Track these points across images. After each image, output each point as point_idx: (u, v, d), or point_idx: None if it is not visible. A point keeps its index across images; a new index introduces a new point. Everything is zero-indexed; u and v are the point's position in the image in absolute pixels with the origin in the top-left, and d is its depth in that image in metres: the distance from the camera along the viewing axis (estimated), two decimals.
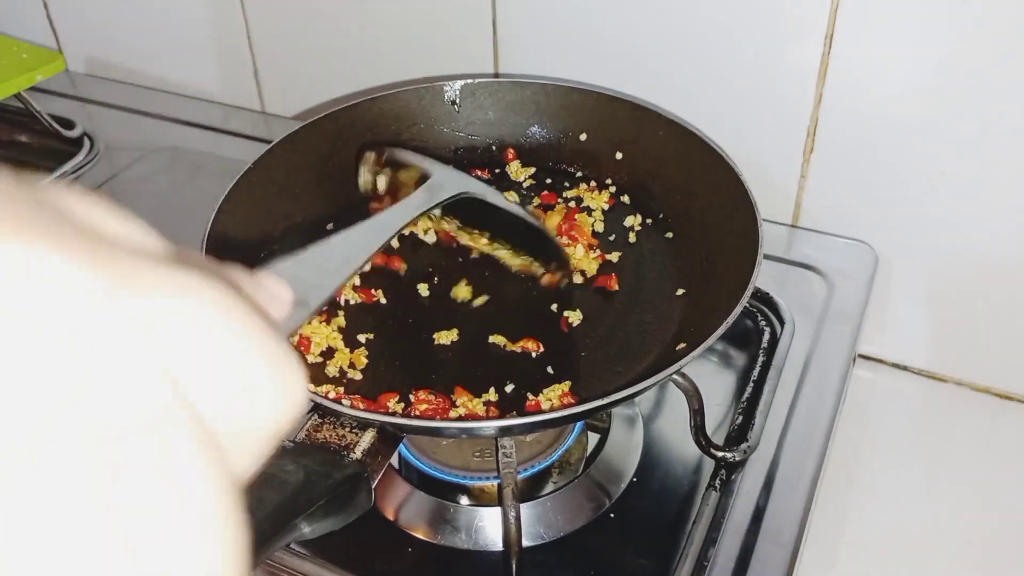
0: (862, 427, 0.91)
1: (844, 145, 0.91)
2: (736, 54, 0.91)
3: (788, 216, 0.98)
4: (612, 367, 0.73)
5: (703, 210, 0.82)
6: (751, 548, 0.68)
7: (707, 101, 0.95)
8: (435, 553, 0.74)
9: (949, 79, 0.82)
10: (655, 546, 0.74)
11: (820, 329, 0.86)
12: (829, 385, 0.81)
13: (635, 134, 0.89)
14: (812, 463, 0.74)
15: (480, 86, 0.94)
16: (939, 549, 0.81)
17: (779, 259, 0.94)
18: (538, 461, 0.77)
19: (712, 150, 0.81)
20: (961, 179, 0.86)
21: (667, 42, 0.94)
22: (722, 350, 0.91)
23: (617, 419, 0.82)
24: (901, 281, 0.95)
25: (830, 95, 0.89)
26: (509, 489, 0.68)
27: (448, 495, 0.77)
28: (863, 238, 0.95)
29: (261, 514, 0.53)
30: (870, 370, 0.99)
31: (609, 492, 0.77)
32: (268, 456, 0.25)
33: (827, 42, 0.86)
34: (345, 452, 0.61)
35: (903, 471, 0.88)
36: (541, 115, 0.94)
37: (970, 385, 0.96)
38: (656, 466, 0.80)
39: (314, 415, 0.65)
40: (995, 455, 0.89)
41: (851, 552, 0.81)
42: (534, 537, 0.74)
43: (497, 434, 0.70)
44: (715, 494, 0.73)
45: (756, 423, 0.77)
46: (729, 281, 0.72)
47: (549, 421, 0.65)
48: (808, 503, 0.71)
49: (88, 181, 1.08)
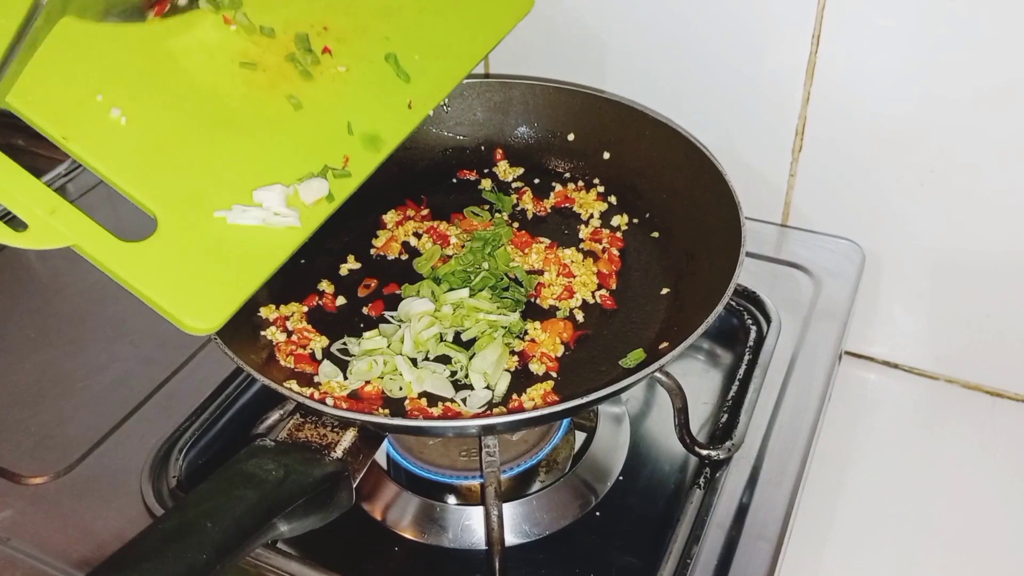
0: (852, 424, 0.91)
1: (833, 144, 0.91)
2: (724, 54, 0.91)
3: (778, 215, 0.98)
4: (596, 366, 0.74)
5: (688, 209, 0.82)
6: (734, 545, 0.68)
7: (695, 101, 0.95)
8: (422, 552, 0.75)
9: (937, 78, 0.82)
10: (640, 543, 0.74)
11: (806, 327, 0.86)
12: (815, 383, 0.81)
13: (622, 134, 0.90)
14: (796, 461, 0.74)
15: (469, 86, 0.94)
16: (927, 546, 0.81)
17: (767, 258, 0.94)
18: (524, 460, 0.77)
19: (697, 150, 0.82)
20: (950, 178, 0.86)
21: (656, 43, 0.94)
22: (708, 349, 0.91)
23: (604, 418, 0.83)
24: (891, 279, 0.95)
25: (818, 94, 0.89)
26: (492, 488, 0.68)
27: (435, 494, 0.77)
28: (853, 237, 0.95)
29: (238, 511, 0.54)
30: (860, 368, 0.99)
31: (595, 490, 0.78)
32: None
33: (814, 41, 0.86)
34: (326, 451, 0.62)
35: (893, 468, 0.88)
36: (529, 115, 0.94)
37: (961, 383, 0.96)
38: (642, 464, 0.81)
39: (296, 414, 0.65)
40: (986, 452, 0.89)
41: (837, 549, 0.81)
42: (521, 535, 0.74)
43: (479, 432, 0.70)
44: (699, 492, 0.73)
45: (741, 421, 0.77)
46: (712, 280, 0.72)
47: (531, 419, 0.65)
48: (792, 501, 0.71)
49: (81, 183, 1.08)
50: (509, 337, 0.76)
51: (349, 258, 0.85)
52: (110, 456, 0.78)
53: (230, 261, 0.66)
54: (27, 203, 0.59)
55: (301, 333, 0.76)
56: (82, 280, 0.98)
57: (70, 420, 0.82)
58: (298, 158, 0.73)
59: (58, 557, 0.70)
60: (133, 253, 0.62)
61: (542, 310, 0.79)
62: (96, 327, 0.92)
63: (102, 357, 0.88)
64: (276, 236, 0.69)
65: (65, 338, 0.91)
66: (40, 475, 0.77)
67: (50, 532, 0.72)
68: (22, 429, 0.82)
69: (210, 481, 0.57)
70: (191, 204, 0.67)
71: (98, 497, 0.75)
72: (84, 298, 0.96)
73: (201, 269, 0.65)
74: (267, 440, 0.62)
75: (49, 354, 0.89)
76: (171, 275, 0.64)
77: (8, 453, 0.79)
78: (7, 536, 0.72)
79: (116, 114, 0.66)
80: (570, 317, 0.78)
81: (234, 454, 0.61)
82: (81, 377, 0.86)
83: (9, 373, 0.88)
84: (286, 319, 0.77)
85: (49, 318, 0.94)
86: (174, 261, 0.64)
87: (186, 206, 0.66)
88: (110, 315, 0.93)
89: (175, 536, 0.52)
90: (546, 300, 0.79)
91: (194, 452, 0.79)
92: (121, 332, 0.91)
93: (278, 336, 0.76)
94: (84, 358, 0.88)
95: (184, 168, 0.68)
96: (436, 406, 0.70)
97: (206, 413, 0.81)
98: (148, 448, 0.78)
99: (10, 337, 0.92)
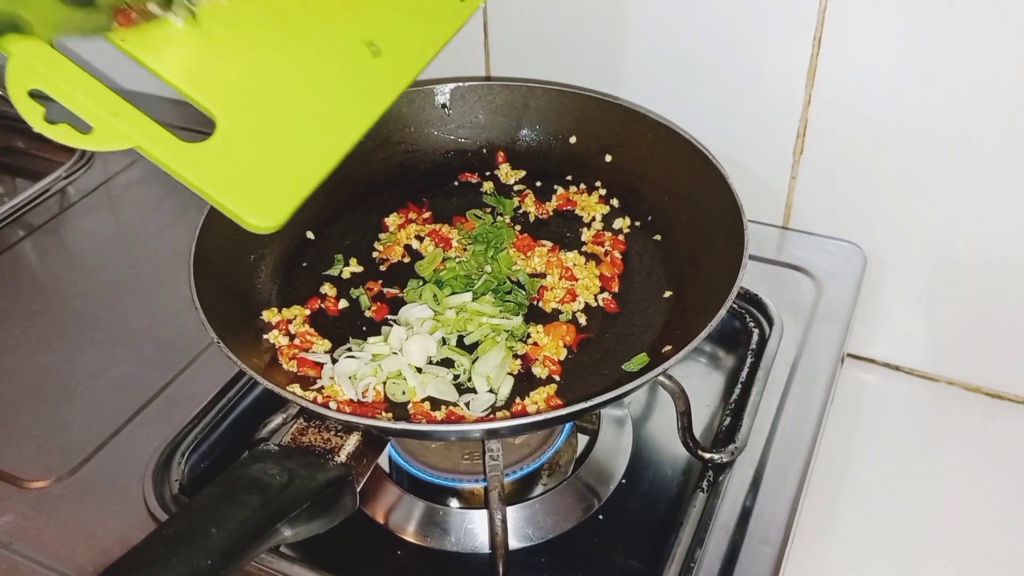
0: (853, 427, 0.91)
1: (834, 146, 0.91)
2: (725, 56, 0.91)
3: (779, 218, 0.99)
4: (598, 369, 0.74)
5: (690, 212, 0.82)
6: (738, 548, 0.68)
7: (697, 104, 0.95)
8: (424, 556, 0.74)
9: (938, 80, 0.82)
10: (643, 547, 0.74)
11: (808, 330, 0.86)
12: (817, 386, 0.81)
13: (624, 137, 0.90)
14: (799, 464, 0.74)
15: (470, 89, 0.94)
16: (929, 547, 0.81)
17: (769, 260, 0.94)
18: (527, 463, 0.77)
19: (700, 152, 0.81)
20: (951, 180, 0.86)
21: (657, 45, 0.94)
22: (711, 352, 0.91)
23: (606, 421, 0.83)
24: (892, 282, 0.95)
25: (819, 97, 0.89)
26: (495, 492, 0.68)
27: (438, 498, 0.77)
28: (854, 239, 0.95)
29: (243, 516, 0.54)
30: (862, 370, 0.99)
31: (598, 494, 0.78)
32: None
33: (816, 44, 0.86)
34: (330, 455, 0.62)
35: (894, 470, 0.88)
36: (531, 118, 0.94)
37: (962, 384, 0.96)
38: (645, 468, 0.80)
39: (299, 419, 0.65)
40: (986, 453, 0.89)
41: (839, 552, 0.81)
42: (524, 538, 0.74)
43: (483, 436, 0.70)
44: (702, 495, 0.73)
45: (744, 424, 0.77)
46: (715, 283, 0.72)
47: (534, 423, 0.65)
48: (795, 504, 0.71)
49: (81, 186, 1.08)
50: (512, 341, 0.75)
51: (351, 261, 0.85)
52: (112, 460, 0.78)
53: (289, 159, 0.68)
54: (90, 105, 0.60)
55: (304, 337, 0.76)
56: (84, 283, 0.98)
57: (72, 424, 0.82)
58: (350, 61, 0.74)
59: (60, 561, 0.70)
60: (195, 152, 0.63)
61: (545, 313, 0.79)
62: (98, 330, 0.92)
63: (104, 360, 0.88)
64: (331, 135, 0.71)
65: (67, 341, 0.91)
66: (42, 479, 0.77)
67: (52, 536, 0.72)
68: (24, 432, 0.81)
69: (214, 486, 0.57)
70: (248, 104, 0.68)
71: (100, 501, 0.75)
72: (86, 301, 0.96)
73: (261, 167, 0.66)
74: (271, 444, 0.62)
75: (51, 357, 0.89)
76: (232, 174, 0.65)
77: (10, 456, 0.79)
78: (9, 540, 0.72)
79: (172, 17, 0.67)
80: (573, 320, 0.78)
81: (236, 458, 0.61)
82: (83, 380, 0.86)
83: (11, 376, 0.88)
84: (288, 322, 0.77)
85: (51, 321, 0.94)
86: (234, 160, 0.65)
87: (243, 106, 0.68)
88: (112, 318, 0.93)
89: (180, 541, 0.52)
90: (548, 303, 0.79)
91: (196, 456, 0.79)
92: (123, 335, 0.91)
93: (280, 340, 0.76)
94: (86, 361, 0.88)
95: (241, 69, 0.69)
96: (439, 410, 0.70)
97: (208, 417, 0.81)
98: (150, 452, 0.78)
99: (12, 340, 0.92)
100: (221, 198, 0.64)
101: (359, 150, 0.72)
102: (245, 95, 0.68)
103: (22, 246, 1.04)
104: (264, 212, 0.65)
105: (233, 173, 0.65)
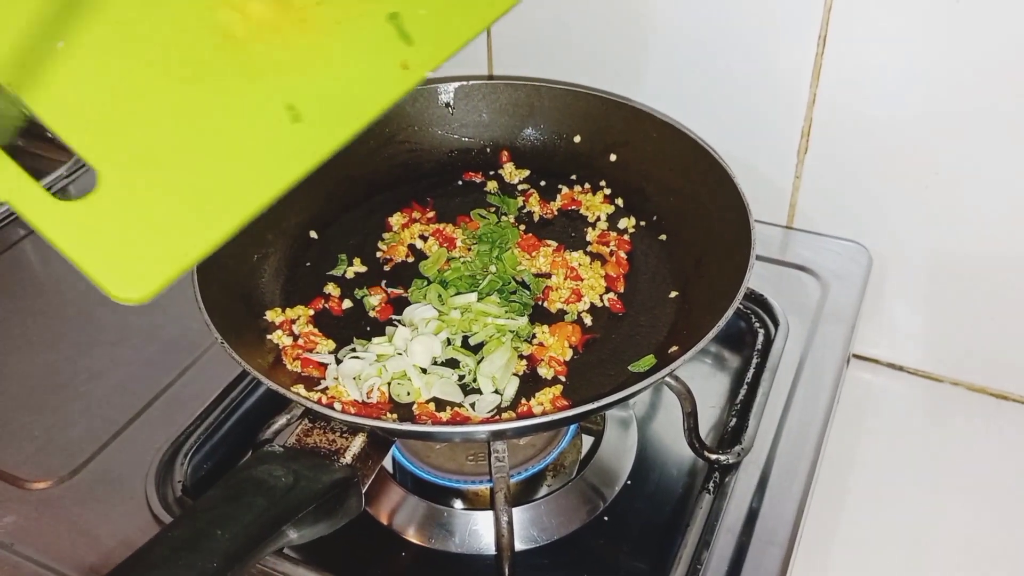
0: (858, 427, 0.91)
1: (838, 146, 0.91)
2: (730, 56, 0.91)
3: (783, 217, 0.98)
4: (604, 370, 0.73)
5: (696, 212, 0.82)
6: (744, 550, 0.68)
7: (701, 103, 0.95)
8: (428, 557, 0.74)
9: (942, 79, 0.82)
10: (649, 549, 0.74)
11: (814, 330, 0.86)
12: (823, 386, 0.80)
13: (629, 136, 0.89)
14: (806, 465, 0.74)
15: (474, 88, 0.94)
16: (935, 549, 0.81)
17: (774, 260, 0.94)
18: (532, 464, 0.77)
19: (705, 152, 0.81)
20: (955, 179, 0.86)
21: (662, 44, 0.93)
22: (716, 352, 0.91)
23: (611, 422, 0.82)
24: (896, 281, 0.95)
25: (824, 97, 0.88)
26: (501, 493, 0.68)
27: (442, 499, 0.77)
28: (858, 239, 0.94)
29: (248, 518, 0.53)
30: (866, 371, 0.99)
31: (603, 495, 0.77)
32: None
33: (820, 43, 0.86)
34: (335, 457, 0.61)
35: (899, 471, 0.88)
36: (535, 117, 0.94)
37: (966, 385, 0.96)
38: (650, 469, 0.80)
39: (304, 419, 0.65)
40: (991, 454, 0.89)
41: (844, 553, 0.81)
42: (528, 540, 0.74)
43: (489, 438, 0.70)
44: (708, 496, 0.73)
45: (750, 425, 0.77)
46: (722, 283, 0.71)
47: (541, 425, 0.65)
48: (802, 505, 0.71)
49: (82, 185, 1.08)
50: (517, 341, 0.75)
51: (355, 261, 0.84)
52: (114, 461, 0.78)
53: (173, 226, 0.61)
54: None
55: (307, 337, 0.75)
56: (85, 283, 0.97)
57: (73, 424, 0.81)
58: (266, 113, 0.66)
59: (62, 562, 0.70)
60: (66, 211, 0.57)
61: (550, 314, 0.79)
62: (99, 331, 0.91)
63: (106, 360, 0.88)
64: (227, 203, 0.63)
65: (68, 342, 0.90)
66: (43, 480, 0.76)
67: (53, 537, 0.72)
68: (25, 433, 0.81)
69: (218, 487, 0.57)
70: (137, 160, 0.61)
71: (102, 502, 0.74)
72: (87, 301, 0.95)
73: (139, 233, 0.60)
74: (275, 446, 0.62)
75: (52, 358, 0.89)
76: (102, 238, 0.59)
77: (11, 457, 0.78)
78: (10, 541, 0.71)
79: (59, 46, 0.59)
80: (578, 320, 0.78)
81: (239, 459, 0.61)
82: (85, 381, 0.86)
83: (12, 376, 0.87)
84: (292, 323, 0.77)
85: (52, 321, 0.93)
86: (109, 222, 0.59)
87: (131, 162, 0.61)
88: (113, 319, 0.92)
89: (185, 544, 0.51)
90: (554, 303, 0.79)
91: (199, 457, 0.79)
92: (125, 335, 0.90)
93: (284, 340, 0.75)
94: (87, 362, 0.88)
95: (134, 119, 0.61)
96: (444, 410, 0.69)
97: (211, 418, 0.81)
98: (152, 453, 0.77)
99: (13, 340, 0.91)
100: (83, 264, 0.57)
101: (363, 149, 0.70)
102: (135, 149, 0.61)
103: (23, 246, 1.04)
104: (131, 284, 0.58)
105: (103, 237, 0.58)
